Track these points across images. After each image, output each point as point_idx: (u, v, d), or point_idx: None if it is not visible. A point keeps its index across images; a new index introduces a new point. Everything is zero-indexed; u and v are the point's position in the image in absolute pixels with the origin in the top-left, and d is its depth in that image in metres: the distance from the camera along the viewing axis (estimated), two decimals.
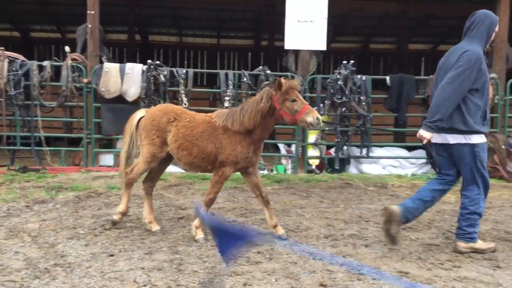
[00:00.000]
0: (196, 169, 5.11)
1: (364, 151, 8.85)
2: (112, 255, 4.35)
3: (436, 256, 4.44)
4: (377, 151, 9.28)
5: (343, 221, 5.67)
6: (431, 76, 8.78)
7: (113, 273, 3.92)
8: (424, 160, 9.23)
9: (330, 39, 15.62)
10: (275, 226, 4.95)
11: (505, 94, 8.88)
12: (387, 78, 8.98)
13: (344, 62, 8.80)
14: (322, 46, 8.86)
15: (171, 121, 4.88)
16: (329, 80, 8.68)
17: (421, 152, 9.42)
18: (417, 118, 9.85)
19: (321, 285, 3.75)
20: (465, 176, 4.52)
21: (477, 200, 4.46)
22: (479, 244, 4.51)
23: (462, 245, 4.48)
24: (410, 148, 9.76)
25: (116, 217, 5.14)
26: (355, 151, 8.97)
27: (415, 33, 16.52)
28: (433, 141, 4.49)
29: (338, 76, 8.59)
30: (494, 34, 4.56)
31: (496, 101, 8.73)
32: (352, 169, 9.10)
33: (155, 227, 5.09)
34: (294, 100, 4.57)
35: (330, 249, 4.61)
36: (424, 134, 4.40)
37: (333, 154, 8.92)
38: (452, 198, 6.86)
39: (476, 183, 4.46)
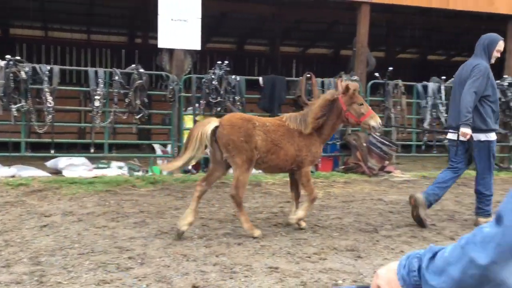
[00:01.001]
0: (277, 170, 5.40)
1: None
2: None
3: (304, 250, 4.65)
4: None
5: (218, 221, 5.70)
6: (301, 77, 9.22)
7: None
8: None
9: (206, 39, 15.70)
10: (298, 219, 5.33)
11: (366, 95, 9.60)
12: (260, 78, 9.24)
13: (219, 62, 8.87)
14: (197, 46, 8.85)
15: (256, 126, 4.96)
16: (204, 80, 8.68)
17: None
18: None
19: (194, 286, 3.72)
20: (481, 166, 5.56)
21: (490, 185, 5.56)
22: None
23: (482, 220, 5.44)
24: None
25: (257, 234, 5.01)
26: None
27: (287, 36, 17.24)
28: (454, 138, 5.56)
29: (213, 76, 8.63)
30: (495, 51, 5.53)
31: None
32: None
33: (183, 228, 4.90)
34: (361, 104, 5.11)
35: (204, 250, 4.60)
36: (466, 131, 5.28)
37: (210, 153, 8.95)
38: (319, 194, 7.24)
39: (489, 172, 5.53)
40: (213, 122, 4.94)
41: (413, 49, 20.08)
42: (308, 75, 9.16)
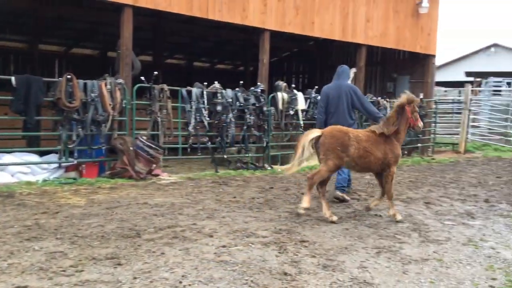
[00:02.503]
0: (368, 171, 6.84)
1: None
2: None
3: (59, 263, 4.31)
4: (4, 158, 8.49)
5: None
6: (61, 78, 8.61)
7: None
8: (57, 165, 8.98)
9: None
10: (375, 205, 6.89)
11: (132, 98, 9.50)
12: (12, 78, 8.30)
13: None
14: None
15: (350, 138, 6.30)
16: None
17: (54, 157, 9.14)
18: (48, 121, 9.45)
19: None
20: None
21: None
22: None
23: (340, 193, 7.71)
24: (43, 153, 9.32)
25: (301, 211, 6.37)
26: None
27: (48, 34, 16.02)
28: None
29: None
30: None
31: (124, 105, 9.24)
32: None
33: (335, 217, 6.30)
34: (417, 112, 6.76)
35: None
36: None
37: None
38: (82, 202, 6.87)
39: None
40: (316, 132, 6.46)
41: (180, 55, 20.79)
42: (69, 76, 8.61)
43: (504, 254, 5.17)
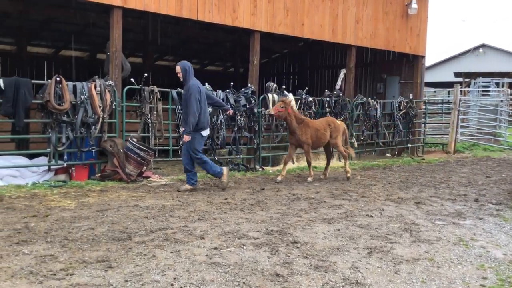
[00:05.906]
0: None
1: None
2: None
3: (49, 267, 4.26)
4: None
5: None
6: (50, 80, 8.54)
7: None
8: (46, 168, 8.91)
9: None
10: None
11: (122, 100, 9.45)
12: (0, 81, 8.22)
13: None
14: None
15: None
16: None
17: (43, 160, 9.07)
18: (37, 124, 9.37)
19: None
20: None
21: None
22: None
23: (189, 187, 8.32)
24: (32, 156, 9.24)
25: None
26: None
27: (36, 36, 15.90)
28: (206, 134, 8.48)
29: None
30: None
31: (114, 107, 9.19)
32: None
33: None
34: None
35: None
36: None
37: None
38: (72, 205, 6.81)
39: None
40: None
41: (171, 57, 20.73)
42: (58, 78, 8.54)
43: (494, 253, 5.21)
